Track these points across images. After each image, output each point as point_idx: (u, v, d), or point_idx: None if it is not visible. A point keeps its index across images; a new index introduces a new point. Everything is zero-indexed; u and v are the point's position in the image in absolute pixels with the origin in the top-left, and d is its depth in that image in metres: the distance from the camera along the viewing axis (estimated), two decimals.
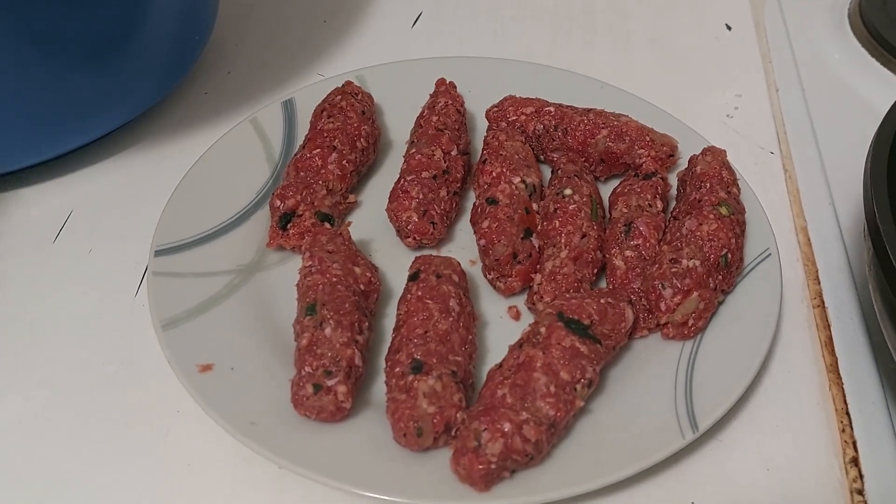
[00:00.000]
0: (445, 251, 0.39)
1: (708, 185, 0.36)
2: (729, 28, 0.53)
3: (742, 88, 0.48)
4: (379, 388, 0.33)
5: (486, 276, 0.37)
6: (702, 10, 0.55)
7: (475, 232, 0.37)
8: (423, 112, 0.42)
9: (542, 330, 0.31)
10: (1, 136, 0.40)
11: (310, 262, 0.34)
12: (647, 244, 0.35)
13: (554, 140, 0.41)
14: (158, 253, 0.36)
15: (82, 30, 0.38)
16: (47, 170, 0.43)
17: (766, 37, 0.52)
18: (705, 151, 0.38)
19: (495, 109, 0.43)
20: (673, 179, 0.40)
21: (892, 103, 0.34)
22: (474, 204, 0.39)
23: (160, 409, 0.34)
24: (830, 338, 0.36)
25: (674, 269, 0.33)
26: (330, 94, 0.43)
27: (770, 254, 0.36)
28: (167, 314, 0.34)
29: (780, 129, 0.46)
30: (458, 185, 0.40)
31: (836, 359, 0.35)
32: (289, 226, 0.38)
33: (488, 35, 0.53)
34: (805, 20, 0.53)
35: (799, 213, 0.41)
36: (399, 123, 0.44)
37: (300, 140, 0.42)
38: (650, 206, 0.37)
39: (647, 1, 0.55)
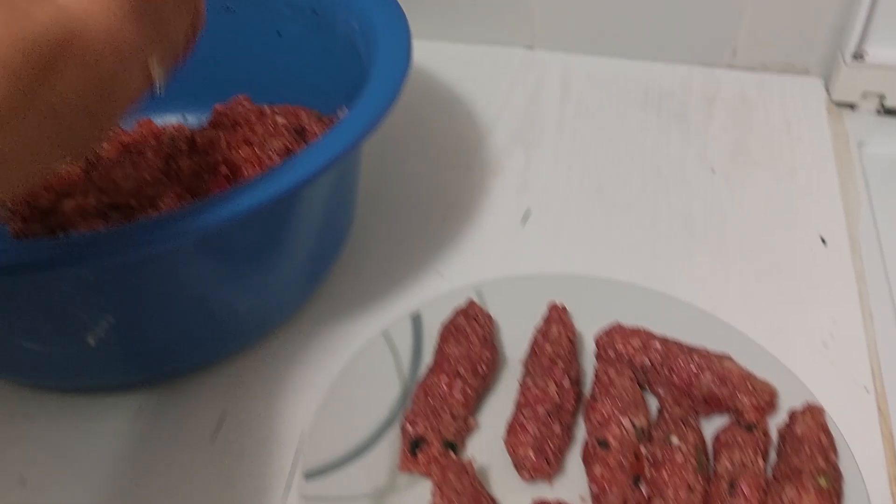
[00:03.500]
0: (558, 484, 0.43)
1: (807, 450, 0.39)
2: (824, 242, 0.56)
3: (838, 312, 0.51)
4: None
5: None
6: (797, 219, 0.58)
7: (587, 474, 0.41)
8: (537, 339, 0.47)
9: None
10: (172, 347, 0.46)
11: (440, 501, 0.39)
12: None
13: (660, 376, 0.45)
14: (308, 476, 0.41)
15: (248, 260, 0.45)
16: (205, 369, 0.49)
17: (860, 253, 0.55)
18: (805, 411, 0.42)
19: (604, 338, 0.47)
20: (771, 427, 0.43)
21: None
22: (585, 441, 0.42)
23: None
24: None
25: None
26: (455, 315, 0.47)
27: None
28: None
29: (875, 364, 0.48)
30: (571, 417, 0.44)
31: None
32: (418, 452, 0.43)
33: (590, 238, 0.57)
34: None
35: (892, 460, 0.44)
36: (513, 339, 0.48)
37: (426, 355, 0.47)
38: (752, 462, 0.40)
39: (746, 209, 0.59)
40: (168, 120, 0.61)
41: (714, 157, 0.63)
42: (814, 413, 0.41)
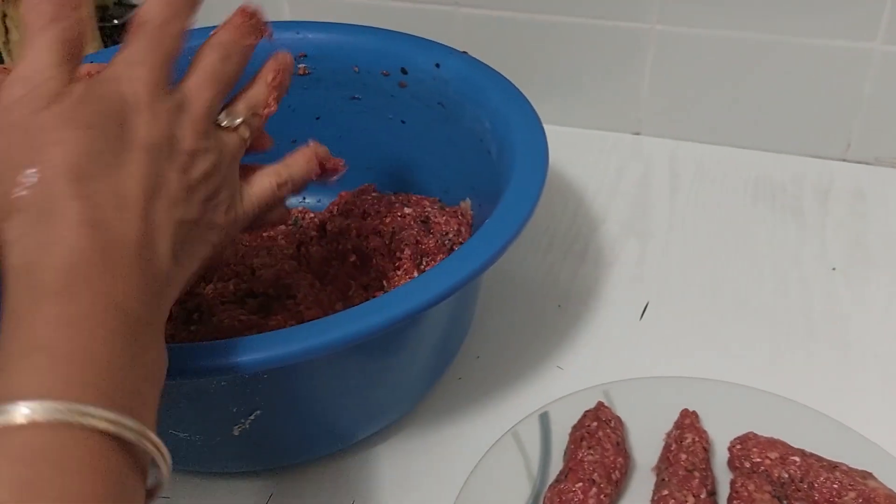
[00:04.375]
0: None
1: None
2: None
3: None
4: None
5: None
6: None
7: None
8: (670, 445, 0.46)
9: None
10: (309, 437, 0.47)
11: None
12: None
13: (799, 491, 0.44)
14: None
15: (382, 362, 0.45)
16: (336, 461, 0.49)
17: None
18: None
19: (739, 447, 0.46)
20: None
21: None
22: None
23: None
24: None
25: None
26: (585, 417, 0.47)
27: None
28: None
29: None
30: None
31: None
32: None
33: (709, 336, 0.57)
34: None
35: None
36: (641, 442, 0.48)
37: (554, 455, 0.47)
38: None
39: (868, 308, 0.58)
40: (289, 202, 0.63)
41: (833, 253, 0.62)
42: None
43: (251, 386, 0.40)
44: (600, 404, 0.48)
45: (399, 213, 0.55)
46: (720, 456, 0.47)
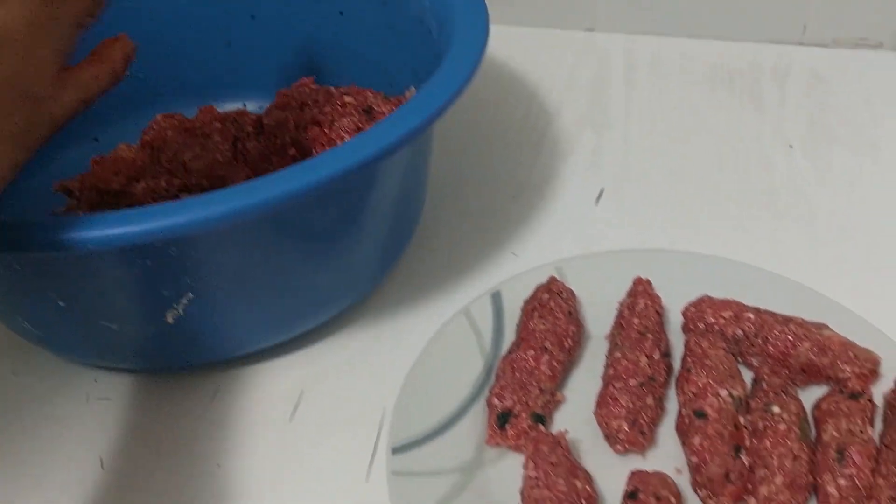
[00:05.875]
0: (651, 456, 0.41)
1: None
2: None
3: None
4: None
5: (696, 492, 0.39)
6: (881, 190, 0.56)
7: (684, 444, 0.39)
8: (622, 312, 0.45)
9: None
10: (251, 325, 0.45)
11: (535, 474, 0.37)
12: (862, 474, 0.37)
13: (754, 346, 0.43)
14: (395, 451, 0.40)
15: (324, 237, 0.44)
16: (281, 347, 0.48)
17: None
18: None
19: (692, 310, 0.45)
20: (876, 394, 0.41)
21: None
22: (680, 413, 0.41)
23: None
24: None
25: None
26: (538, 291, 0.46)
27: None
28: None
29: None
30: (662, 390, 0.42)
31: None
32: (507, 425, 0.41)
33: (668, 214, 0.56)
34: None
35: None
36: (596, 315, 0.47)
37: (507, 332, 0.46)
38: (861, 431, 0.38)
39: (828, 182, 0.57)
40: (229, 108, 0.61)
41: (792, 133, 0.61)
42: None
43: (173, 265, 0.39)
44: (552, 278, 0.47)
45: (339, 103, 0.53)
46: (676, 324, 0.46)
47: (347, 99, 0.53)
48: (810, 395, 0.42)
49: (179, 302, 0.41)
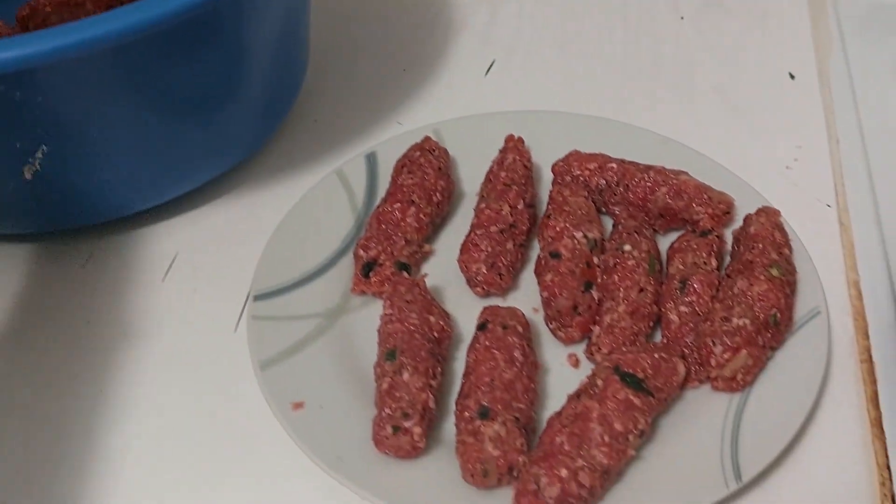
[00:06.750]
0: (511, 299, 0.42)
1: (760, 245, 0.39)
2: (792, 77, 0.55)
3: (802, 139, 0.50)
4: (449, 427, 0.37)
5: (547, 325, 0.40)
6: (767, 58, 0.56)
7: (539, 283, 0.41)
8: (492, 167, 0.46)
9: (599, 382, 0.34)
10: (118, 186, 0.45)
11: (390, 311, 0.38)
12: (701, 301, 0.38)
13: (615, 195, 0.44)
14: (257, 298, 0.41)
15: (192, 90, 0.43)
16: (156, 213, 0.48)
17: (829, 87, 0.54)
18: (759, 212, 0.41)
19: (560, 164, 0.46)
20: (728, 236, 0.42)
21: None
22: (538, 256, 0.42)
23: (256, 441, 0.38)
24: (876, 393, 0.38)
25: (725, 328, 0.36)
26: (410, 149, 0.46)
27: (819, 312, 0.38)
28: (264, 355, 0.38)
29: (839, 182, 0.47)
30: (524, 237, 0.43)
31: (881, 413, 0.37)
32: (371, 274, 0.42)
33: (557, 84, 0.56)
34: (871, 71, 0.54)
35: (852, 266, 0.43)
36: (471, 175, 0.48)
37: (381, 191, 0.46)
38: (705, 263, 0.39)
39: (715, 51, 0.57)
40: None
41: (684, 5, 0.61)
42: (768, 213, 0.41)
43: (23, 112, 0.38)
44: (426, 137, 0.47)
45: None
46: (547, 180, 0.47)
47: None
48: (672, 240, 0.43)
49: (35, 156, 0.40)
